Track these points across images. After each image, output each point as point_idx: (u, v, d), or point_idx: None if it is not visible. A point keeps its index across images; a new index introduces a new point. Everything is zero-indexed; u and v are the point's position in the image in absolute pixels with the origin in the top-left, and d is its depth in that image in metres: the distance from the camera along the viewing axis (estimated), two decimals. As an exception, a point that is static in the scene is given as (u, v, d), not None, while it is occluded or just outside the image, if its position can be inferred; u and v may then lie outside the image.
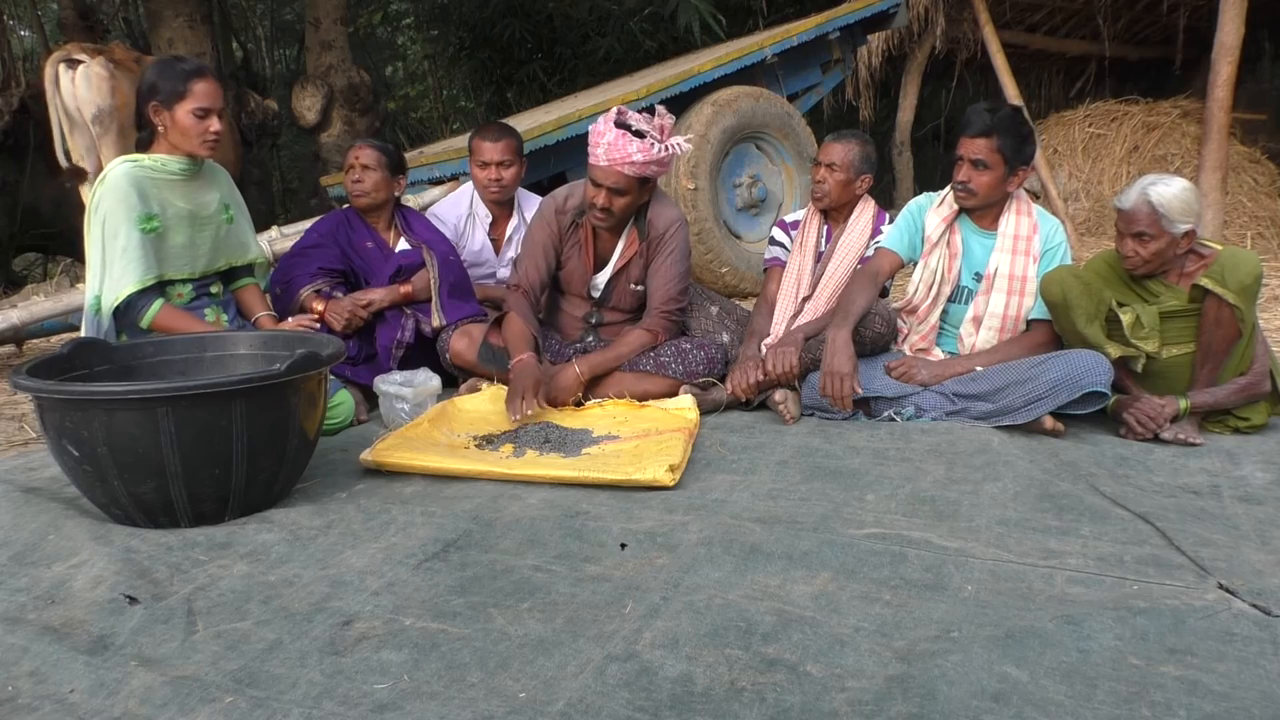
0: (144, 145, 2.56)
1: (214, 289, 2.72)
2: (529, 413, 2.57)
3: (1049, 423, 2.51)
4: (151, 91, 2.49)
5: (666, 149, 2.70)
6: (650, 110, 2.80)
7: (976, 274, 2.78)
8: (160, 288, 2.55)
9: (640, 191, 2.80)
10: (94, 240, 2.48)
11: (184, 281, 2.63)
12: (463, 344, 3.02)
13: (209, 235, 2.65)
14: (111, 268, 2.46)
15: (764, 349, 2.88)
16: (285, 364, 1.92)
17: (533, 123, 4.42)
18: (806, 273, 3.06)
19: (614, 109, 2.76)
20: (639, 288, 2.97)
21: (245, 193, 3.04)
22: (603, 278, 2.97)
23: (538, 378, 2.67)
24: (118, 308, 2.47)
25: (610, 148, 2.66)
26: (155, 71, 2.51)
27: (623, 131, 2.67)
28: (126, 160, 2.51)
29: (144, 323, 2.50)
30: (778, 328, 3.01)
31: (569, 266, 2.97)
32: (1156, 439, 2.48)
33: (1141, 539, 1.82)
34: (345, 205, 3.35)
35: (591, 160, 2.73)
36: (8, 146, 5.79)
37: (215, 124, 2.51)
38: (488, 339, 2.94)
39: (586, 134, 4.16)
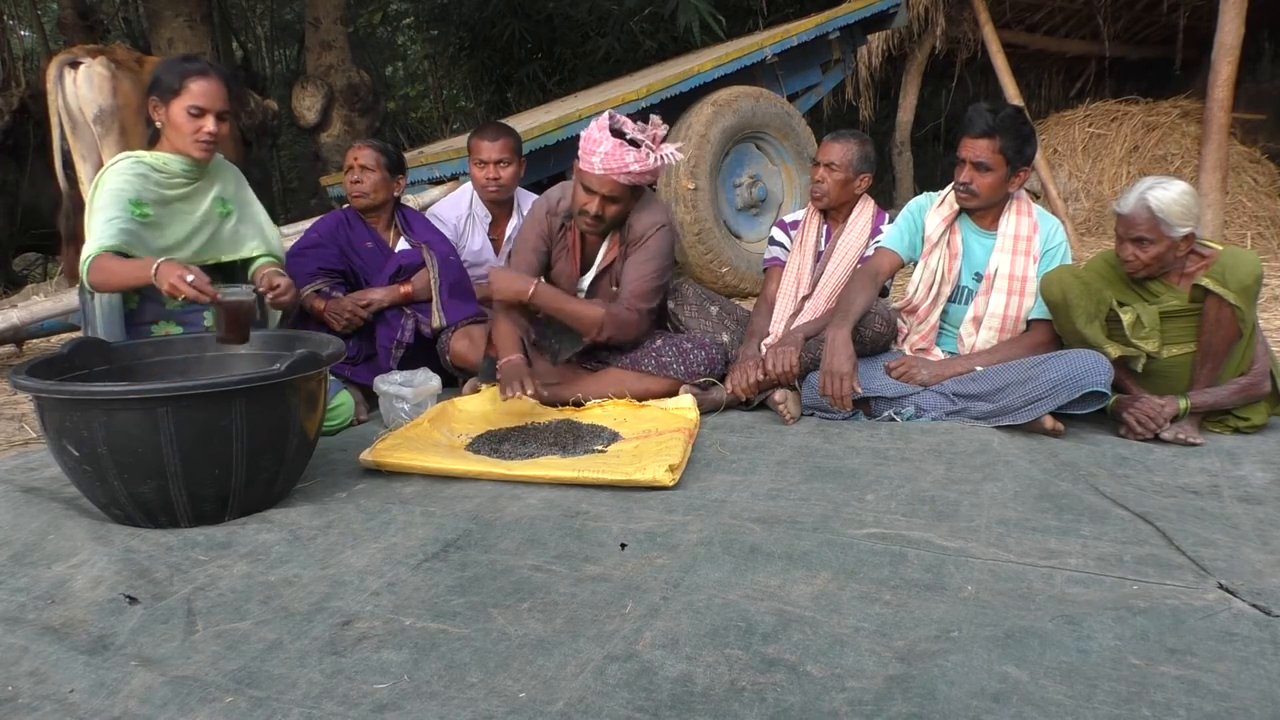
0: (151, 143, 2.55)
1: None
2: (523, 394, 2.54)
3: (1049, 423, 2.51)
4: (153, 87, 2.48)
5: (661, 159, 2.70)
6: (642, 114, 2.79)
7: (977, 274, 2.78)
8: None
9: (631, 199, 2.81)
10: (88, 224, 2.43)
11: None
12: (463, 345, 3.02)
13: (204, 233, 2.59)
14: (93, 232, 2.37)
15: (764, 349, 2.88)
16: (285, 364, 1.92)
17: (533, 123, 4.42)
18: (806, 272, 3.06)
19: (605, 114, 2.75)
20: (617, 289, 2.97)
21: (246, 193, 3.00)
22: (587, 280, 2.96)
23: (527, 372, 2.65)
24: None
25: (607, 157, 2.64)
26: (161, 68, 2.50)
27: (619, 141, 2.65)
28: (129, 156, 2.49)
29: (83, 277, 2.34)
30: (777, 327, 3.01)
31: (557, 268, 2.96)
32: (1156, 439, 2.48)
33: (1141, 539, 1.82)
34: (345, 205, 3.35)
35: (584, 166, 2.70)
36: (8, 146, 5.79)
37: (209, 124, 2.46)
38: (488, 354, 2.90)
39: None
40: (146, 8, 7.05)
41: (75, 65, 4.12)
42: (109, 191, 2.43)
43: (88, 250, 2.35)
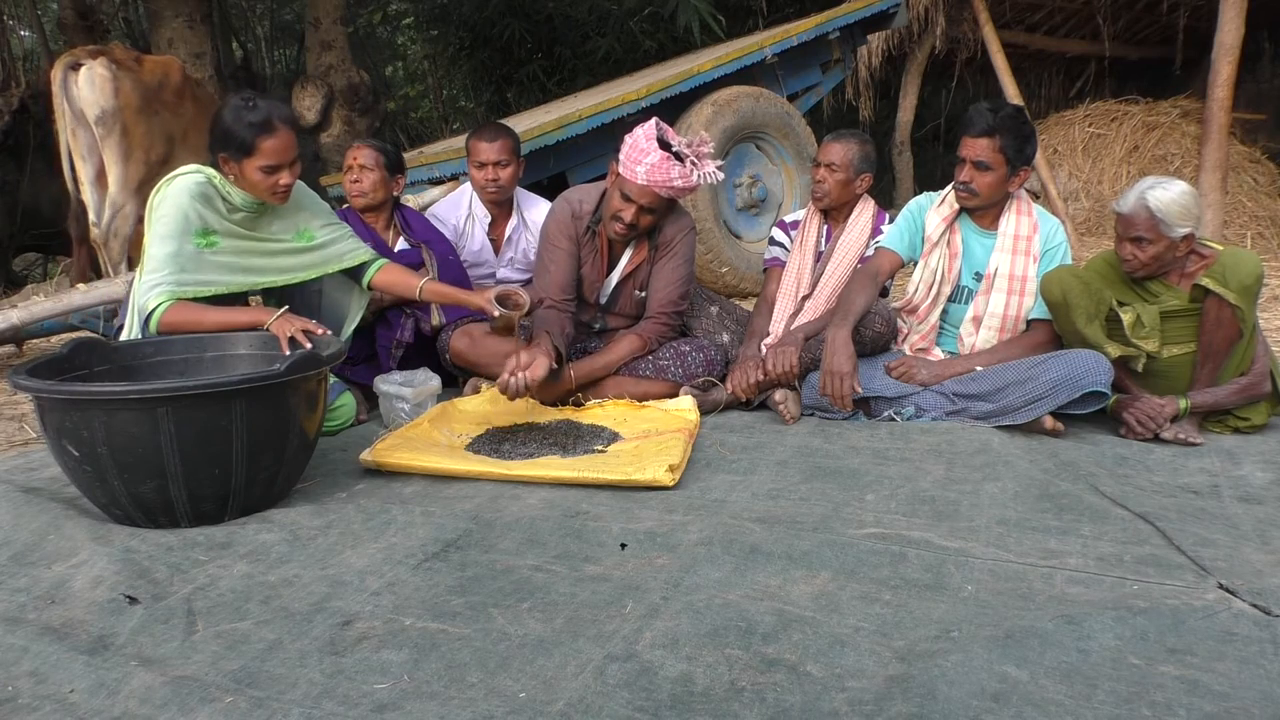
0: (216, 165, 2.45)
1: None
2: (521, 383, 2.48)
3: (1049, 423, 2.51)
4: (223, 142, 2.36)
5: (703, 177, 2.71)
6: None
7: (977, 274, 2.78)
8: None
9: (667, 210, 2.83)
10: (148, 242, 2.40)
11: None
12: (463, 344, 3.02)
13: (261, 259, 2.52)
14: (154, 263, 2.34)
15: (764, 349, 2.88)
16: (285, 364, 1.92)
17: (532, 123, 4.42)
18: (806, 272, 3.06)
19: (652, 122, 2.73)
20: (643, 294, 2.97)
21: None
22: (610, 284, 2.96)
23: (545, 361, 2.56)
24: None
25: (653, 169, 2.64)
26: (230, 118, 2.34)
27: (666, 154, 2.64)
28: (198, 171, 2.41)
29: (151, 327, 2.34)
30: (777, 327, 3.01)
31: (582, 272, 2.95)
32: (1156, 439, 2.48)
33: (1141, 539, 1.82)
34: (344, 205, 3.35)
35: (625, 174, 2.70)
36: (8, 146, 5.79)
37: (285, 177, 2.41)
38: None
39: (586, 134, 4.24)
40: (146, 8, 7.05)
41: (76, 67, 4.12)
42: (171, 219, 2.35)
43: (155, 298, 2.32)
